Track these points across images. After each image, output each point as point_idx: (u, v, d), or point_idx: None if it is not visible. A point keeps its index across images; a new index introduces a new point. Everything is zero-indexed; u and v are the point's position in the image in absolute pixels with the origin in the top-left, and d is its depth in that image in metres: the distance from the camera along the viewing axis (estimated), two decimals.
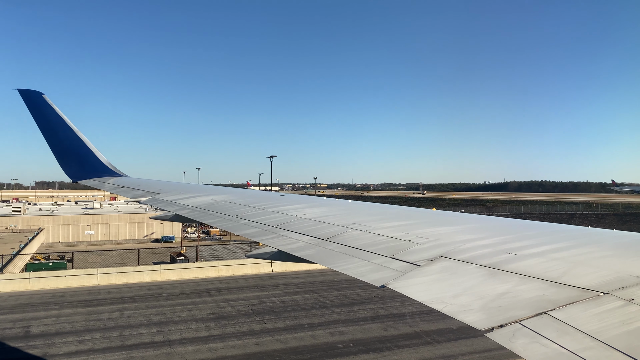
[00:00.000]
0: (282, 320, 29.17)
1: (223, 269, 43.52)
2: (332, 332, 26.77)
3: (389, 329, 27.55)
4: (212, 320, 28.98)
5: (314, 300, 34.24)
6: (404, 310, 31.27)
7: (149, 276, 40.87)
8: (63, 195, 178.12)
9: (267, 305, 32.83)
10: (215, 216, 7.86)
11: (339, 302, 33.73)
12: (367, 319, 29.41)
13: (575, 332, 2.54)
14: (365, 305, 32.75)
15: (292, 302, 33.65)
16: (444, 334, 26.43)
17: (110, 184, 13.84)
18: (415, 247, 4.54)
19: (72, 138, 14.70)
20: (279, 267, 44.68)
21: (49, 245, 72.43)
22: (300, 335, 26.26)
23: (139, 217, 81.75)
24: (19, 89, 14.33)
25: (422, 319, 29.25)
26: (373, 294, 35.38)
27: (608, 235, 4.42)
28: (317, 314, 30.71)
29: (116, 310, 31.14)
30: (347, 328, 27.56)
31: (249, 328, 27.49)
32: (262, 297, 34.96)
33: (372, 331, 27.12)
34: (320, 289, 37.56)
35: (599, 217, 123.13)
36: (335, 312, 31.01)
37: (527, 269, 3.52)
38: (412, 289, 3.57)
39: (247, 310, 31.31)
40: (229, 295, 35.73)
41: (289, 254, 5.20)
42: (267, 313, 30.72)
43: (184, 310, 31.24)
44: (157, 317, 29.75)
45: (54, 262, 50.00)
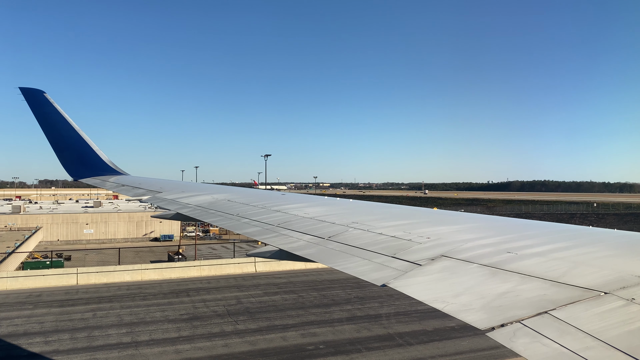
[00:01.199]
0: (256, 321, 28.85)
1: (205, 268, 43.09)
2: (304, 334, 26.50)
3: (362, 330, 27.28)
4: (185, 321, 28.67)
5: (292, 300, 33.94)
6: (381, 312, 31.05)
7: (130, 276, 40.45)
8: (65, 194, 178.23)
9: (244, 305, 32.49)
10: (217, 215, 7.86)
11: (317, 302, 33.42)
12: (342, 320, 29.16)
13: (577, 332, 2.53)
14: (343, 306, 32.50)
15: (270, 302, 33.35)
16: (418, 336, 26.21)
17: (111, 182, 13.84)
18: (416, 246, 4.53)
19: (73, 136, 14.70)
20: (262, 267, 44.40)
21: (47, 244, 72.49)
22: (270, 336, 25.98)
23: (138, 216, 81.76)
24: (21, 87, 14.33)
25: (398, 321, 29.02)
26: (353, 295, 35.15)
27: (609, 235, 4.42)
28: (293, 314, 30.44)
29: (90, 311, 30.85)
30: (320, 329, 27.31)
31: (220, 329, 27.17)
32: (240, 298, 34.65)
33: (345, 332, 26.86)
34: (301, 290, 37.28)
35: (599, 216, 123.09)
36: (311, 313, 30.71)
37: (528, 268, 3.52)
38: (413, 288, 3.57)
39: (222, 311, 31.00)
40: (207, 295, 35.42)
41: (290, 252, 5.20)
42: (242, 314, 30.39)
43: (159, 311, 30.92)
44: (130, 317, 29.49)
45: (51, 261, 49.98)
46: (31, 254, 57.26)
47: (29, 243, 57.85)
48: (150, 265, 42.84)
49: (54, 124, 14.50)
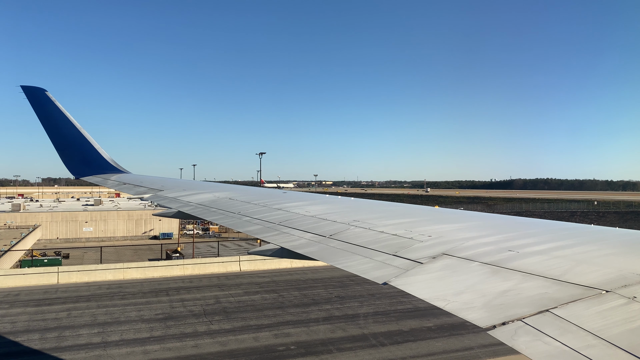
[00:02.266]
0: (231, 321, 28.41)
1: (189, 267, 42.66)
2: (277, 334, 26.06)
3: (337, 330, 26.87)
4: (159, 321, 28.23)
5: (271, 300, 33.49)
6: (359, 311, 30.69)
7: (112, 274, 40.05)
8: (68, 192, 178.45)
9: (222, 305, 32.02)
10: (218, 213, 7.87)
11: (296, 302, 32.93)
12: (319, 320, 28.67)
13: (578, 330, 2.53)
14: (322, 305, 32.01)
15: (249, 302, 32.88)
16: (392, 336, 25.83)
17: (113, 180, 13.86)
18: (417, 244, 4.54)
19: (74, 135, 14.72)
20: (247, 266, 44.01)
21: (47, 242, 72.68)
22: (243, 337, 25.55)
23: (137, 214, 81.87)
24: (22, 86, 14.34)
25: (375, 321, 28.63)
26: (334, 294, 34.72)
27: (611, 233, 4.42)
28: (270, 314, 29.96)
29: (65, 310, 30.35)
30: (294, 330, 26.91)
31: (193, 329, 26.80)
32: (220, 297, 34.15)
33: (319, 333, 26.45)
34: (283, 289, 36.75)
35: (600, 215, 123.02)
36: (289, 313, 30.23)
37: (530, 266, 3.52)
38: (414, 287, 3.58)
39: (199, 311, 30.57)
40: (187, 295, 34.97)
41: (292, 251, 5.20)
42: (219, 314, 29.94)
43: (135, 311, 30.44)
44: (105, 317, 29.09)
45: (49, 259, 50.00)
46: (30, 251, 57.45)
47: (26, 241, 57.91)
48: (132, 264, 42.41)
49: (56, 122, 14.51)
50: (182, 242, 68.42)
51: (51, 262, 47.97)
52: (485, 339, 25.24)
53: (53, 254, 56.79)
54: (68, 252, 59.12)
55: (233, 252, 60.34)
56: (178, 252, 57.56)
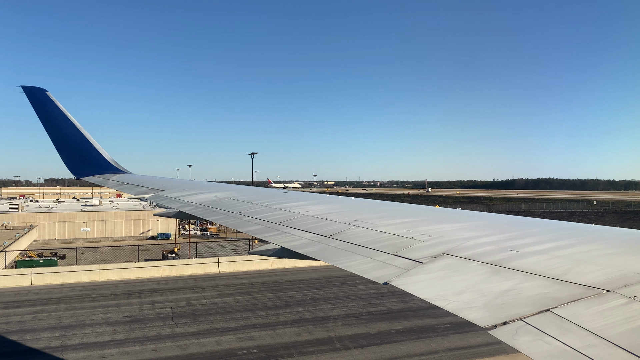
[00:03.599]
0: (198, 324, 28.05)
1: (166, 269, 42.27)
2: (241, 338, 25.65)
3: (303, 333, 26.44)
4: (124, 324, 27.86)
5: (243, 302, 33.05)
6: (331, 314, 30.32)
7: (87, 276, 39.72)
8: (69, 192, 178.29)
9: (192, 307, 31.66)
10: (219, 213, 7.87)
11: (269, 304, 32.47)
12: (287, 323, 28.26)
13: (579, 330, 2.54)
14: (294, 308, 31.61)
15: (220, 304, 32.49)
16: (358, 339, 25.51)
17: (113, 180, 13.86)
18: (418, 244, 4.54)
19: (75, 135, 14.72)
20: (226, 268, 43.68)
21: (44, 242, 72.62)
22: (205, 340, 25.14)
23: (135, 214, 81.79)
24: (23, 86, 14.35)
25: (345, 323, 28.30)
26: (309, 296, 34.36)
27: (611, 233, 4.41)
28: (238, 317, 29.47)
29: (31, 313, 29.89)
30: (260, 333, 26.48)
31: (156, 332, 26.38)
32: (192, 299, 33.80)
33: (284, 336, 26.03)
34: (258, 291, 36.33)
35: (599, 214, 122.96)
36: (258, 316, 29.77)
37: (530, 266, 3.52)
38: (415, 286, 3.58)
39: (167, 314, 30.13)
40: (159, 297, 34.55)
41: (292, 251, 5.20)
42: (187, 316, 29.60)
43: (102, 313, 30.07)
44: (70, 320, 28.71)
45: (44, 259, 49.93)
46: (25, 252, 57.36)
47: (20, 242, 57.48)
48: (108, 265, 42.08)
49: (56, 123, 14.51)
50: (181, 242, 68.35)
51: (47, 262, 47.74)
52: (452, 342, 24.97)
53: (49, 254, 56.71)
54: (64, 252, 59.01)
55: (230, 252, 60.13)
56: (174, 252, 57.49)
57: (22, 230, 66.21)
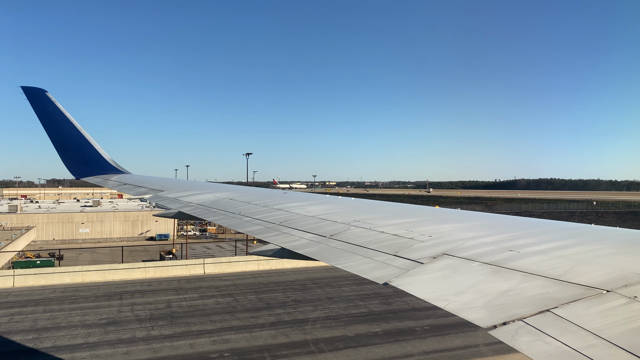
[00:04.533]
0: (175, 326, 27.71)
1: (151, 270, 41.83)
2: (216, 341, 25.34)
3: (279, 336, 26.10)
4: (100, 327, 27.53)
5: (224, 304, 32.67)
6: (311, 316, 29.94)
7: (70, 278, 39.43)
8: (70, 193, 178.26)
9: (172, 309, 31.28)
10: (218, 213, 7.87)
11: (249, 307, 32.06)
12: (265, 326, 27.89)
13: (579, 330, 2.53)
14: (274, 310, 31.25)
15: (200, 306, 32.17)
16: (334, 342, 25.24)
17: (113, 181, 13.86)
18: (418, 244, 4.53)
19: (75, 135, 14.72)
20: (211, 269, 43.35)
21: (43, 243, 72.67)
22: (179, 343, 24.83)
23: (134, 215, 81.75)
24: (23, 87, 14.35)
25: (323, 325, 27.96)
26: (291, 298, 34.04)
27: (611, 233, 4.41)
28: (217, 319, 29.14)
29: (8, 315, 29.53)
30: (235, 336, 26.13)
31: (131, 335, 26.09)
32: (173, 301, 33.44)
33: (260, 339, 25.69)
34: (241, 293, 35.91)
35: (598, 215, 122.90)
36: (237, 318, 29.39)
37: (530, 266, 3.51)
38: (415, 287, 3.57)
39: (145, 316, 29.80)
40: (140, 298, 34.18)
41: (292, 251, 5.20)
42: (164, 319, 29.24)
43: (80, 315, 29.72)
44: (46, 322, 28.36)
45: (42, 260, 49.99)
46: (23, 253, 57.38)
47: (17, 242, 57.48)
48: (92, 267, 41.78)
49: (56, 123, 14.51)
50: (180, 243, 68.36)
51: (44, 263, 47.81)
52: (429, 345, 24.75)
53: (47, 255, 56.77)
54: (62, 253, 59.03)
55: (229, 253, 60.04)
56: (172, 253, 57.51)
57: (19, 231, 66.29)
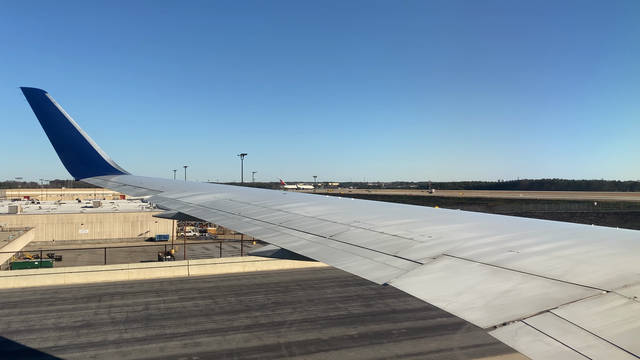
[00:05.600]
0: (149, 329, 27.40)
1: (134, 272, 41.69)
2: (187, 344, 25.09)
3: (252, 339, 25.80)
4: (73, 329, 27.21)
5: (203, 306, 32.38)
6: (288, 318, 29.64)
7: (52, 279, 39.32)
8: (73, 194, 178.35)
9: (149, 312, 30.96)
10: (218, 214, 7.87)
11: (228, 309, 31.76)
12: (240, 329, 27.62)
13: (578, 331, 2.53)
14: (252, 312, 30.96)
15: (178, 308, 31.85)
16: (307, 345, 24.94)
17: (113, 182, 13.86)
18: (417, 245, 4.53)
19: (75, 136, 14.72)
20: (195, 271, 43.15)
21: (42, 244, 72.73)
22: (149, 347, 24.55)
23: (133, 216, 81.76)
24: (22, 87, 14.35)
25: (299, 328, 27.68)
26: (272, 300, 33.82)
27: (611, 233, 4.40)
28: (192, 322, 28.83)
29: None
30: (208, 339, 25.86)
31: (102, 338, 25.81)
32: (151, 303, 33.12)
33: (232, 342, 25.38)
34: (222, 295, 35.62)
35: (599, 215, 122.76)
36: (213, 321, 29.10)
37: (530, 267, 3.51)
38: (415, 287, 3.57)
39: (121, 318, 29.51)
40: (119, 300, 33.87)
41: (292, 252, 5.19)
42: (140, 321, 28.91)
43: (55, 318, 29.41)
44: (19, 325, 28.12)
45: (40, 261, 50.09)
46: (22, 254, 57.47)
47: (15, 243, 57.56)
48: (74, 269, 41.55)
49: (56, 124, 14.52)
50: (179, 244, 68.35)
51: (42, 264, 47.93)
52: (402, 349, 24.59)
53: (46, 256, 56.87)
54: (61, 254, 59.04)
55: (228, 254, 59.95)
56: (170, 254, 57.59)
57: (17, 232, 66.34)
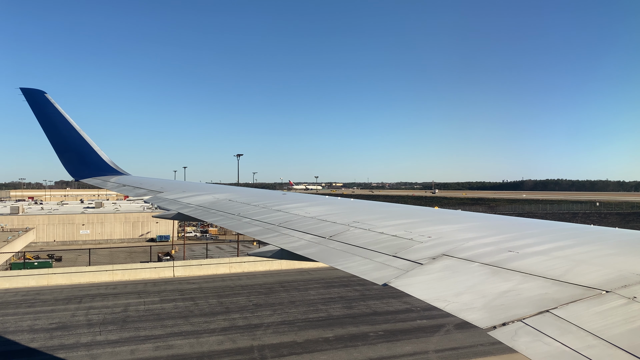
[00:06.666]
0: (124, 331, 27.19)
1: (118, 273, 41.48)
2: (159, 346, 24.86)
3: (226, 342, 25.60)
4: (47, 331, 27.01)
5: (182, 308, 32.16)
6: (266, 321, 29.34)
7: (35, 281, 39.09)
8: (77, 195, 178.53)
9: (127, 314, 30.72)
10: (218, 215, 7.86)
11: (207, 311, 31.52)
12: (216, 331, 27.41)
13: (578, 331, 2.52)
14: (231, 314, 30.68)
15: (157, 310, 31.60)
16: (280, 348, 24.73)
17: (112, 182, 13.86)
18: (417, 245, 4.52)
19: (74, 136, 14.72)
20: (181, 272, 42.87)
21: (44, 245, 72.83)
22: (121, 349, 24.40)
23: (134, 217, 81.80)
24: (22, 88, 14.35)
25: (275, 331, 27.45)
26: (253, 302, 33.58)
27: (610, 233, 4.40)
28: (169, 324, 28.57)
29: None
30: (181, 341, 25.63)
31: (75, 340, 25.66)
32: (131, 305, 32.86)
33: (205, 345, 25.16)
34: (203, 297, 35.34)
35: (602, 216, 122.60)
36: (190, 323, 28.85)
37: (530, 267, 3.50)
38: (414, 288, 3.56)
39: (98, 320, 29.29)
40: (100, 302, 33.64)
41: (291, 252, 5.18)
42: (116, 323, 28.70)
43: (31, 320, 29.23)
44: None
45: (39, 262, 50.10)
46: (22, 254, 57.60)
47: (14, 244, 57.63)
48: (58, 270, 41.42)
49: (55, 124, 14.52)
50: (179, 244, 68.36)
51: (41, 264, 47.96)
52: (377, 352, 24.37)
53: (46, 256, 56.96)
54: (61, 254, 59.03)
55: (228, 254, 59.95)
56: (170, 255, 57.64)
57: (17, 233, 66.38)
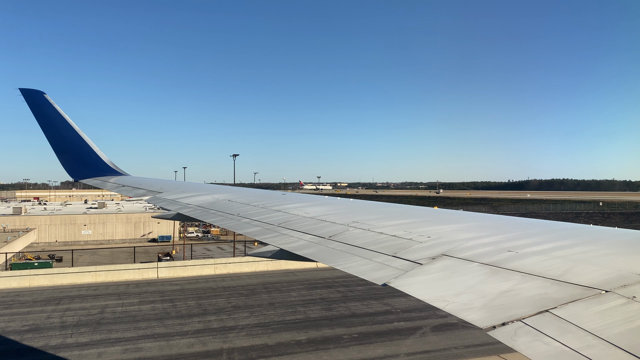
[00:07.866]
0: (95, 333, 26.94)
1: (102, 274, 41.13)
2: (128, 349, 24.63)
3: (196, 345, 25.34)
4: (18, 334, 26.80)
5: (159, 310, 31.86)
6: (241, 323, 29.10)
7: (16, 282, 38.72)
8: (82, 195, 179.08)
9: (103, 315, 30.50)
10: (217, 215, 7.86)
11: (184, 313, 31.27)
12: (188, 333, 27.20)
13: (577, 330, 2.52)
14: (207, 316, 30.44)
15: (134, 312, 31.32)
16: (250, 351, 24.49)
17: (112, 182, 13.86)
18: (416, 245, 4.52)
19: (73, 137, 14.72)
20: (165, 273, 42.68)
21: (45, 245, 72.89)
22: (88, 352, 24.18)
23: (136, 217, 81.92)
24: (21, 88, 14.34)
25: (249, 333, 27.20)
26: (232, 304, 33.45)
27: (610, 233, 4.40)
28: (142, 326, 28.29)
29: None
30: (152, 344, 25.36)
31: (44, 343, 25.46)
32: (109, 306, 32.58)
33: (174, 348, 24.93)
34: (184, 298, 35.13)
35: (605, 215, 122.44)
36: (164, 325, 28.57)
37: (529, 267, 3.50)
38: (414, 288, 3.56)
39: (72, 322, 29.02)
40: (78, 304, 33.34)
41: (291, 252, 5.19)
42: (90, 325, 28.45)
43: (4, 322, 28.93)
44: None
45: (40, 262, 50.14)
46: (23, 254, 57.68)
47: (14, 244, 57.63)
48: (40, 271, 41.17)
49: (54, 125, 14.51)
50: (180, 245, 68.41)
51: (42, 265, 48.00)
52: (348, 355, 24.15)
53: (47, 257, 57.01)
54: (62, 255, 59.04)
55: (228, 254, 59.91)
56: (170, 255, 57.69)
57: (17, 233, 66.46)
